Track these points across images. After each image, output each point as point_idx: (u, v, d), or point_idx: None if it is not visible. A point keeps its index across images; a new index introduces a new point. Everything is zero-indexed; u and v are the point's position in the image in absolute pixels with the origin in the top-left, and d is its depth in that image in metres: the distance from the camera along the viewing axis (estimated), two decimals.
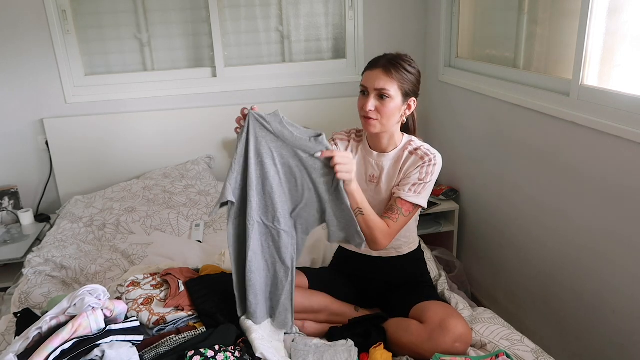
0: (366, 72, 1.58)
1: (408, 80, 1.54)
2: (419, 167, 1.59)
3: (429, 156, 1.60)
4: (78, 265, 2.10)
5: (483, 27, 2.64)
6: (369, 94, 1.55)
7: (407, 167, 1.62)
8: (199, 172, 2.93)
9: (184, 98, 3.00)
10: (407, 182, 1.60)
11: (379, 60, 1.57)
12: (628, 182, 1.61)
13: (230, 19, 3.00)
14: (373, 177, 1.68)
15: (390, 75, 1.52)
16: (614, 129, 1.63)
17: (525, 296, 2.26)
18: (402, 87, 1.54)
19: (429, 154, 1.61)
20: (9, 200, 2.85)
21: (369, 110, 1.54)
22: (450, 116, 2.88)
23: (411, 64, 1.56)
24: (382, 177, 1.66)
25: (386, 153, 1.66)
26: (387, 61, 1.54)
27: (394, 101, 1.54)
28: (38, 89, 2.84)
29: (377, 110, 1.54)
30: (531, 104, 2.06)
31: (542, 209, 2.07)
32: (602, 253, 1.76)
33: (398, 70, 1.52)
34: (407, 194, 1.58)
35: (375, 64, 1.56)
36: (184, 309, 1.58)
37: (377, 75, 1.53)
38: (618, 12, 1.70)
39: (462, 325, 1.47)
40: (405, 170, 1.62)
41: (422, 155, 1.61)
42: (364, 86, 1.57)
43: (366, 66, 1.60)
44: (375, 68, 1.54)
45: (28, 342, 1.28)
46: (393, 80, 1.52)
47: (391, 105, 1.54)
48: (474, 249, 2.70)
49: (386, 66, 1.53)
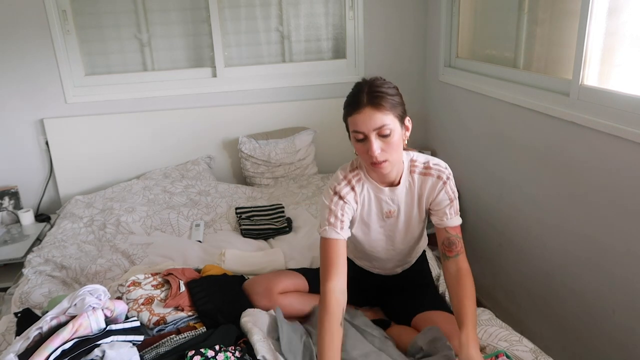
0: (352, 117, 1.38)
1: (397, 104, 1.40)
2: (442, 191, 1.51)
3: (444, 173, 1.52)
4: (78, 265, 2.10)
5: (483, 27, 2.64)
6: (367, 138, 1.38)
7: (427, 192, 1.53)
8: (199, 172, 2.93)
9: (184, 98, 3.01)
10: (440, 208, 1.52)
11: (358, 98, 1.37)
12: (628, 182, 1.61)
13: (230, 19, 3.00)
14: (390, 213, 1.56)
15: (381, 109, 1.35)
16: (614, 129, 1.63)
17: (525, 296, 2.26)
18: (396, 114, 1.39)
19: (442, 170, 1.52)
20: (9, 200, 2.85)
21: (377, 155, 1.37)
22: (450, 116, 2.88)
23: (389, 85, 1.41)
24: (400, 210, 1.56)
25: (397, 186, 1.52)
26: (369, 96, 1.36)
27: (395, 133, 1.39)
28: (38, 89, 2.84)
29: (383, 150, 1.39)
30: (531, 104, 2.06)
31: (542, 208, 2.07)
32: (602, 253, 1.76)
33: (385, 100, 1.36)
34: (452, 221, 1.52)
35: (358, 104, 1.37)
36: (184, 309, 1.58)
37: (369, 116, 1.35)
38: (618, 12, 1.70)
39: None
40: (427, 196, 1.53)
41: (438, 175, 1.51)
42: (358, 132, 1.38)
43: (347, 109, 1.41)
44: (362, 108, 1.36)
45: (28, 342, 1.28)
46: (387, 113, 1.36)
47: (395, 139, 1.39)
48: (474, 249, 2.70)
49: (372, 101, 1.35)
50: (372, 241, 1.62)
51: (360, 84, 1.42)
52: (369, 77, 1.45)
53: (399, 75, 3.12)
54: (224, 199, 2.69)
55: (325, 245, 1.47)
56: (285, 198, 2.72)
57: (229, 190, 2.81)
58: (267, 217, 2.47)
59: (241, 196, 2.77)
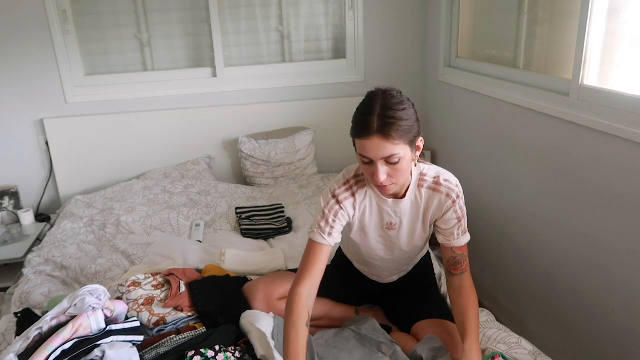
0: (360, 141, 1.29)
1: (409, 129, 1.29)
2: (450, 210, 1.46)
3: (454, 191, 1.45)
4: (78, 265, 2.10)
5: (483, 27, 2.64)
6: (374, 163, 1.30)
7: (433, 208, 1.47)
8: (199, 172, 2.93)
9: (184, 98, 3.01)
10: (448, 228, 1.49)
11: (369, 122, 1.26)
12: (628, 182, 1.61)
13: (230, 19, 3.00)
14: (392, 225, 1.51)
15: (391, 139, 1.25)
16: (614, 129, 1.63)
17: (525, 296, 2.26)
18: (407, 141, 1.29)
19: (452, 188, 1.45)
20: (9, 200, 2.85)
21: (382, 180, 1.31)
22: (450, 116, 2.88)
23: (404, 105, 1.29)
24: (402, 223, 1.50)
25: (402, 199, 1.46)
26: (380, 122, 1.25)
27: (405, 160, 1.30)
28: (38, 89, 2.84)
29: (389, 176, 1.32)
30: (531, 104, 2.06)
31: (542, 208, 2.07)
32: (602, 253, 1.76)
33: (397, 127, 1.25)
34: (459, 240, 1.49)
35: (367, 130, 1.26)
36: (183, 309, 1.58)
37: (377, 145, 1.26)
38: (618, 12, 1.70)
39: None
40: (433, 212, 1.48)
41: (447, 193, 1.44)
42: (365, 157, 1.30)
43: (355, 129, 1.31)
44: (370, 136, 1.26)
45: (28, 342, 1.28)
46: (397, 142, 1.26)
47: (404, 165, 1.31)
48: (473, 249, 2.70)
49: (382, 129, 1.25)
50: (370, 249, 1.59)
51: (372, 98, 1.31)
52: (384, 87, 1.33)
53: (399, 75, 3.12)
54: (224, 199, 2.69)
55: (309, 247, 1.45)
56: (285, 198, 2.72)
57: (229, 190, 2.81)
58: (267, 217, 2.47)
59: (241, 196, 2.77)
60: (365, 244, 1.58)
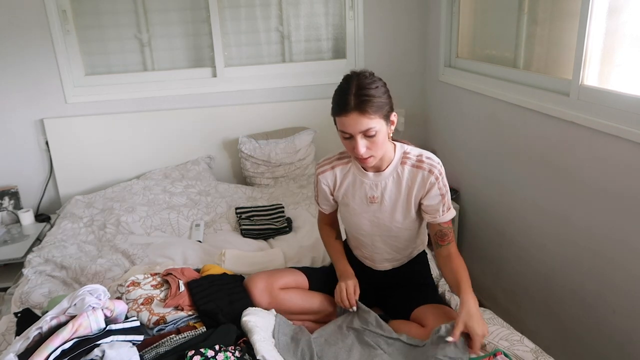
0: (340, 118, 1.46)
1: (383, 104, 1.45)
2: (434, 185, 1.55)
3: (437, 168, 1.55)
4: (78, 265, 2.10)
5: (483, 27, 2.64)
6: (353, 137, 1.46)
7: (417, 185, 1.57)
8: (199, 172, 2.93)
9: (184, 98, 3.01)
10: (433, 206, 1.58)
11: (346, 100, 1.43)
12: (628, 182, 1.61)
13: (230, 19, 3.00)
14: (374, 198, 1.62)
15: (367, 114, 1.42)
16: (614, 129, 1.63)
17: (525, 296, 2.26)
18: (382, 115, 1.46)
19: (434, 165, 1.56)
20: (9, 200, 2.85)
21: (362, 153, 1.47)
22: (450, 116, 2.88)
23: (376, 84, 1.46)
24: (384, 197, 1.61)
25: (383, 172, 1.59)
26: (356, 99, 1.42)
27: (381, 132, 1.47)
28: (38, 89, 2.84)
29: (368, 148, 1.47)
30: (531, 104, 2.06)
31: (542, 208, 2.07)
32: (602, 253, 1.76)
33: (371, 103, 1.42)
34: (444, 216, 1.59)
35: (345, 106, 1.43)
36: (184, 309, 1.58)
37: (355, 120, 1.42)
38: (618, 12, 1.70)
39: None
40: (417, 190, 1.57)
41: (429, 169, 1.55)
42: (345, 132, 1.47)
43: (335, 108, 1.48)
44: (348, 112, 1.42)
45: (28, 342, 1.28)
46: (372, 117, 1.43)
47: (380, 137, 1.47)
48: (474, 249, 2.70)
49: (359, 106, 1.41)
50: (356, 225, 1.70)
51: (348, 80, 1.47)
52: (358, 70, 1.50)
53: (399, 75, 3.12)
54: (224, 199, 2.69)
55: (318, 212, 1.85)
56: (285, 198, 2.72)
57: (229, 190, 2.81)
58: (267, 217, 2.47)
59: (241, 196, 2.77)
60: (352, 220, 1.70)
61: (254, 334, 1.42)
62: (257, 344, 1.38)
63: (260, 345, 1.38)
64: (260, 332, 1.44)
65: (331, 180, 1.67)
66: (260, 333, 1.43)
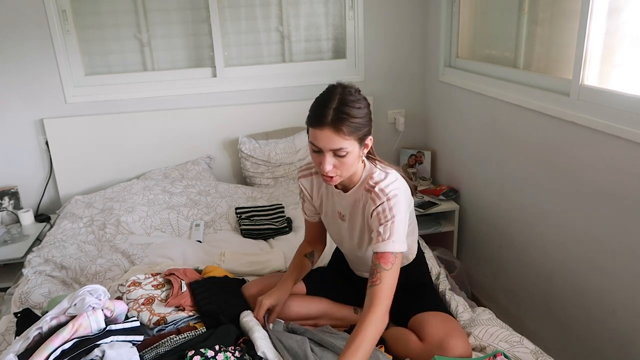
0: (313, 130, 1.35)
1: (360, 126, 1.35)
2: (376, 212, 1.42)
3: (384, 194, 1.41)
4: (78, 265, 2.10)
5: (483, 27, 2.64)
6: (322, 152, 1.36)
7: (367, 210, 1.47)
8: (199, 172, 2.93)
9: (184, 98, 3.01)
10: (372, 227, 1.44)
11: (323, 112, 1.33)
12: (628, 182, 1.61)
13: (230, 19, 3.00)
14: (342, 215, 1.58)
15: (341, 133, 1.32)
16: (614, 129, 1.63)
17: (526, 296, 2.26)
18: (356, 138, 1.35)
19: (383, 192, 1.41)
20: (9, 200, 2.85)
21: (327, 171, 1.37)
22: (450, 116, 2.88)
23: (359, 104, 1.36)
24: (347, 216, 1.56)
25: (345, 193, 1.52)
26: (334, 115, 1.32)
27: (352, 154, 1.37)
28: (38, 89, 2.84)
29: (335, 167, 1.38)
30: (531, 104, 2.06)
31: (542, 208, 2.07)
32: (602, 253, 1.76)
33: (348, 123, 1.32)
34: (377, 246, 1.39)
35: (320, 119, 1.33)
36: (185, 309, 1.58)
37: (328, 136, 1.33)
38: (618, 12, 1.70)
39: (462, 345, 1.43)
40: (366, 214, 1.48)
41: (373, 198, 1.42)
42: (315, 145, 1.36)
43: (311, 119, 1.37)
44: (323, 127, 1.32)
45: (28, 342, 1.28)
46: (347, 137, 1.33)
47: (350, 159, 1.37)
48: (474, 249, 2.70)
49: (335, 122, 1.31)
50: (334, 235, 1.70)
51: (331, 92, 1.37)
52: (345, 83, 1.40)
53: (399, 75, 3.12)
54: (224, 199, 2.69)
55: None
56: (285, 198, 2.72)
57: (229, 190, 2.81)
58: (267, 217, 2.46)
59: (241, 196, 2.77)
60: (329, 227, 1.71)
61: (255, 331, 1.43)
62: (258, 341, 1.38)
63: (261, 342, 1.38)
64: (260, 330, 1.45)
65: (309, 187, 1.64)
66: (260, 331, 1.44)
